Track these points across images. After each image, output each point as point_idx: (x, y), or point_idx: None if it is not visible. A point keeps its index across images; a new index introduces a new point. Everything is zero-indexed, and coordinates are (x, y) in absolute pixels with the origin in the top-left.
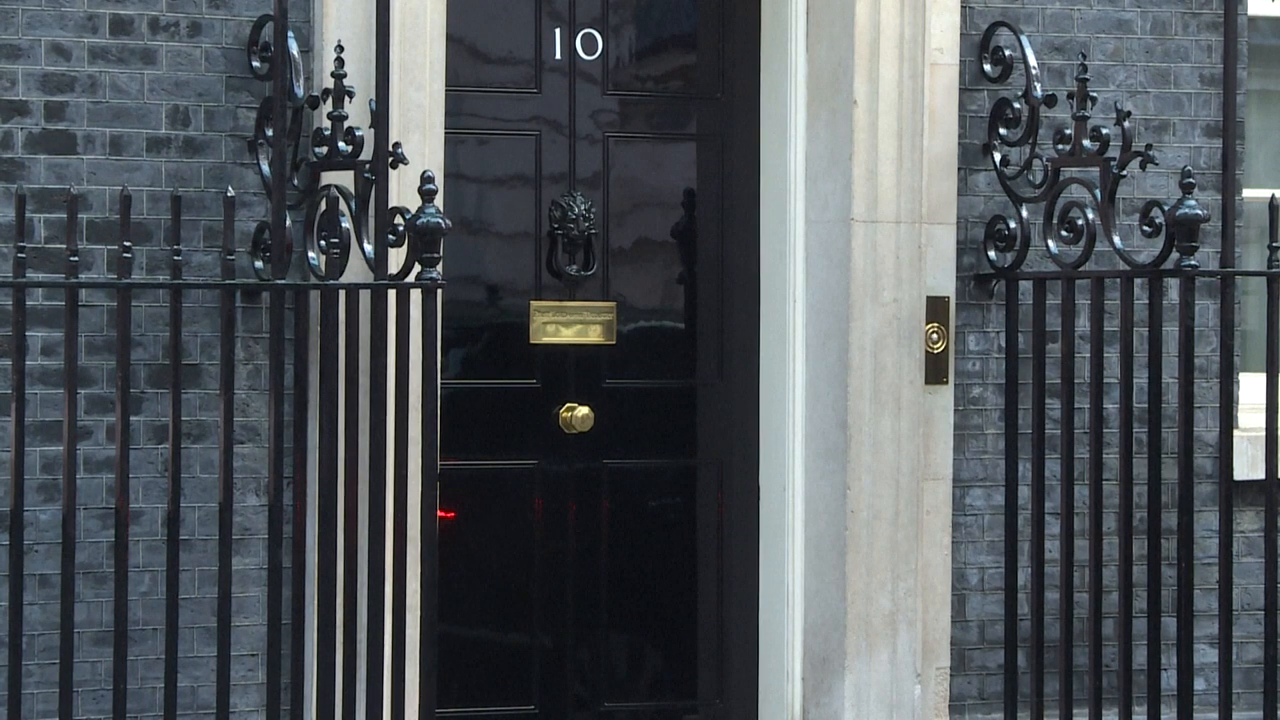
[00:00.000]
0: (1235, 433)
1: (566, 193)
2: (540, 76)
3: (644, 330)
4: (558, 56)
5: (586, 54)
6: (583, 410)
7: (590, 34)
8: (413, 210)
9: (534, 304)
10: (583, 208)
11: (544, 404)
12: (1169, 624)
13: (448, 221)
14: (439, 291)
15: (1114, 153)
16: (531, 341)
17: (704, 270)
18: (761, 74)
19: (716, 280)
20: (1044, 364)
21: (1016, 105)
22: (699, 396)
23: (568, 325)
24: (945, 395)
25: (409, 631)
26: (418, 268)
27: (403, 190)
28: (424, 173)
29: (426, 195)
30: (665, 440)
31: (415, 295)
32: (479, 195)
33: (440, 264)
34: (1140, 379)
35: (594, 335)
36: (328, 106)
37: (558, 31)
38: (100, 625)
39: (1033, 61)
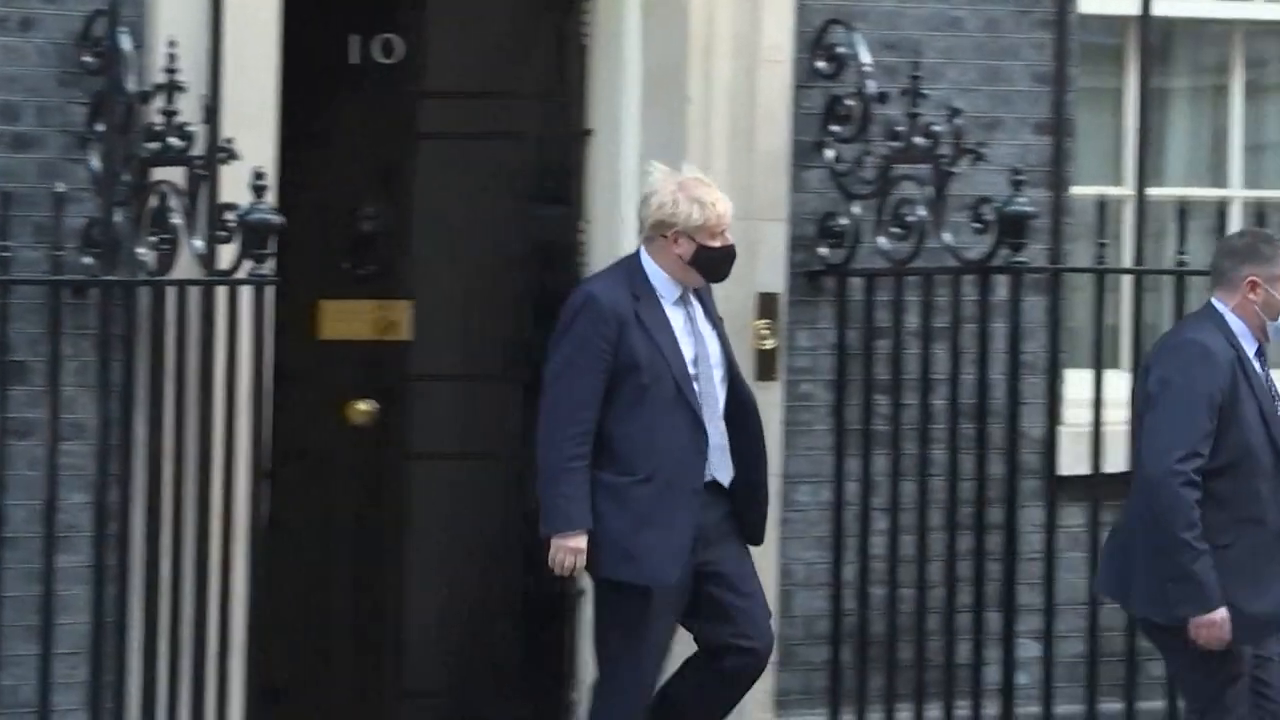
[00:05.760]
0: (1060, 428)
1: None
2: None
3: (443, 326)
4: (354, 60)
5: (385, 57)
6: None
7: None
8: (244, 206)
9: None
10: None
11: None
12: (993, 618)
13: (280, 217)
14: (270, 288)
15: (945, 150)
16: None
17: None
18: (595, 70)
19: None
20: (872, 360)
21: (849, 102)
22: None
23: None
24: (774, 392)
25: (234, 627)
26: (249, 264)
27: (235, 187)
28: (255, 169)
29: (258, 191)
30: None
31: (246, 291)
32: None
33: (272, 260)
34: (969, 375)
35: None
36: (160, 102)
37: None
38: None
39: (865, 59)
